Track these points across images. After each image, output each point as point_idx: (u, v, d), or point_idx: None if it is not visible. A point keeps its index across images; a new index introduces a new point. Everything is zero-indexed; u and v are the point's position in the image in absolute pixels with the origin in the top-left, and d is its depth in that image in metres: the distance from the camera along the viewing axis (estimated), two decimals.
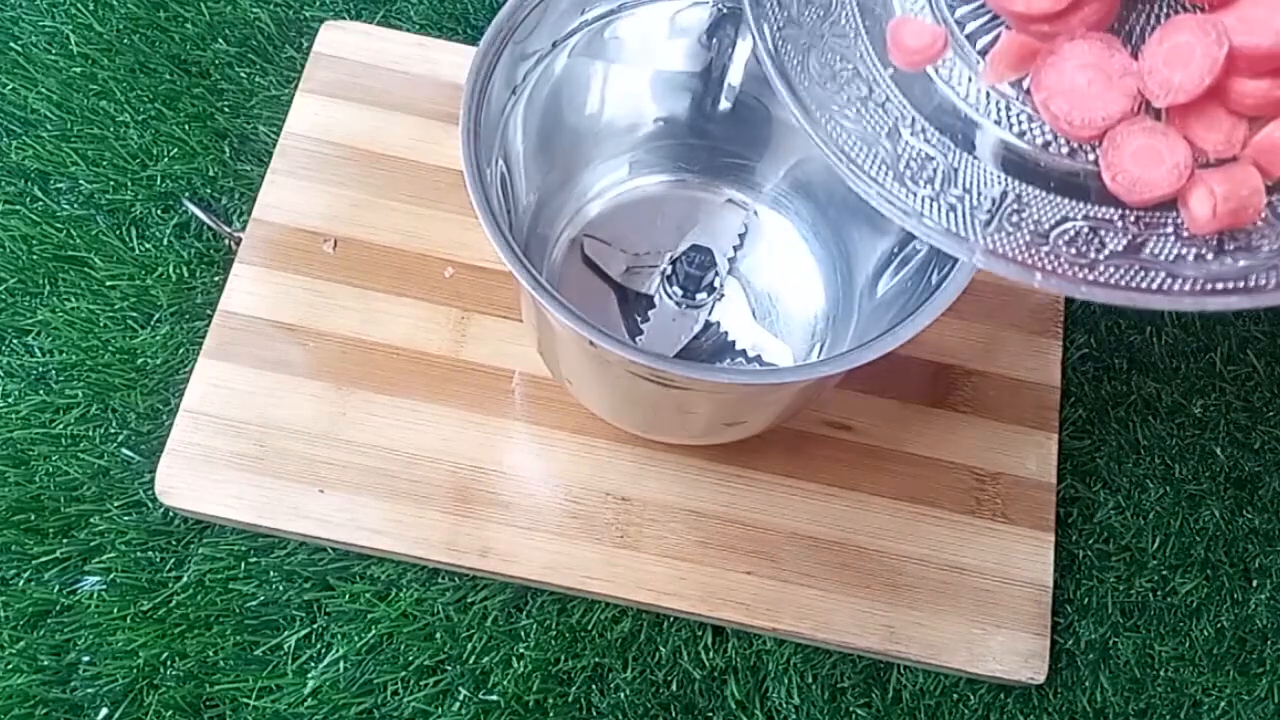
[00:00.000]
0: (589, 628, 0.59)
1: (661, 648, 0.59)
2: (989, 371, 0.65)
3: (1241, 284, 0.38)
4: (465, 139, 0.46)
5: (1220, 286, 0.38)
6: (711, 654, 0.59)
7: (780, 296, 0.64)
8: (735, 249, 0.63)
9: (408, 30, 0.71)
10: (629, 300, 0.63)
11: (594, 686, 0.58)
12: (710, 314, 0.62)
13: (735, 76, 0.59)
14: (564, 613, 0.59)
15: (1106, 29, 0.40)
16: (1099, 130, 0.39)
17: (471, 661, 0.57)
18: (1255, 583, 0.63)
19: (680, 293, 0.62)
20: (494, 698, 0.57)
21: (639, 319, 0.62)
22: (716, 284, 0.62)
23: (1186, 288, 0.39)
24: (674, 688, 0.58)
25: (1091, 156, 0.40)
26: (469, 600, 0.59)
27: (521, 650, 0.58)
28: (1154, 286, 0.39)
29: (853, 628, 0.58)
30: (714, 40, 0.57)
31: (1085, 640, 0.61)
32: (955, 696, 0.59)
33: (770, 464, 0.61)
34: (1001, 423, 0.64)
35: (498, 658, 0.58)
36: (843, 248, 0.62)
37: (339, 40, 0.69)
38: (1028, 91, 0.41)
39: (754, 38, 0.43)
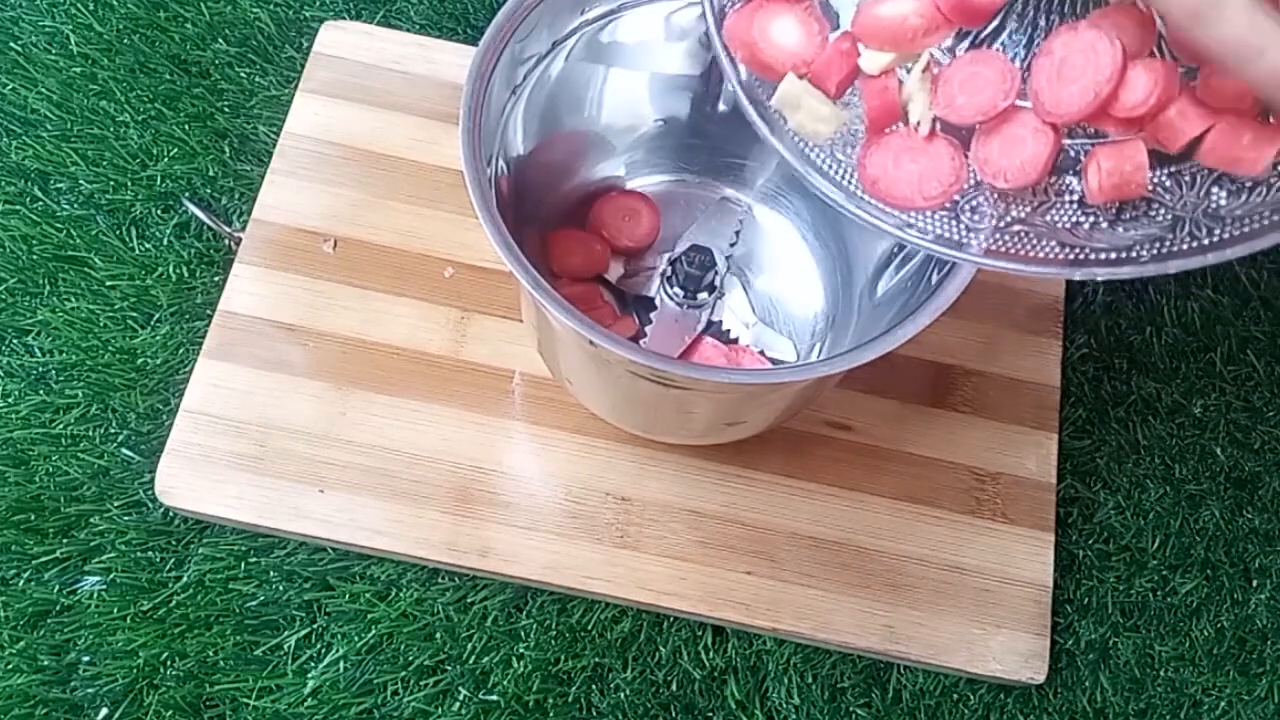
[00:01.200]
0: (589, 628, 0.59)
1: (661, 648, 0.59)
2: (989, 371, 0.65)
3: (1123, 255, 0.39)
4: (465, 139, 0.46)
5: (1103, 257, 0.39)
6: (711, 654, 0.59)
7: (781, 296, 0.64)
8: (731, 245, 0.63)
9: (408, 30, 0.71)
10: (629, 302, 0.63)
11: (594, 686, 0.58)
12: (712, 313, 0.62)
13: None
14: (564, 613, 0.59)
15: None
16: (955, 186, 0.42)
17: (471, 661, 0.57)
18: (1255, 583, 0.63)
19: (681, 293, 0.61)
20: (494, 698, 0.57)
21: (641, 321, 0.62)
22: (717, 283, 0.62)
23: (1070, 257, 0.40)
24: (674, 688, 0.58)
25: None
26: (469, 600, 0.59)
27: (521, 650, 0.58)
28: (1042, 255, 0.40)
29: (853, 628, 0.58)
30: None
31: (1085, 640, 0.61)
32: (955, 696, 0.59)
33: (770, 464, 0.61)
34: (1001, 423, 0.64)
35: (498, 658, 0.58)
36: (842, 247, 0.62)
37: (339, 40, 0.69)
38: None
39: (722, 60, 0.44)
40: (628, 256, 0.64)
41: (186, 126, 0.68)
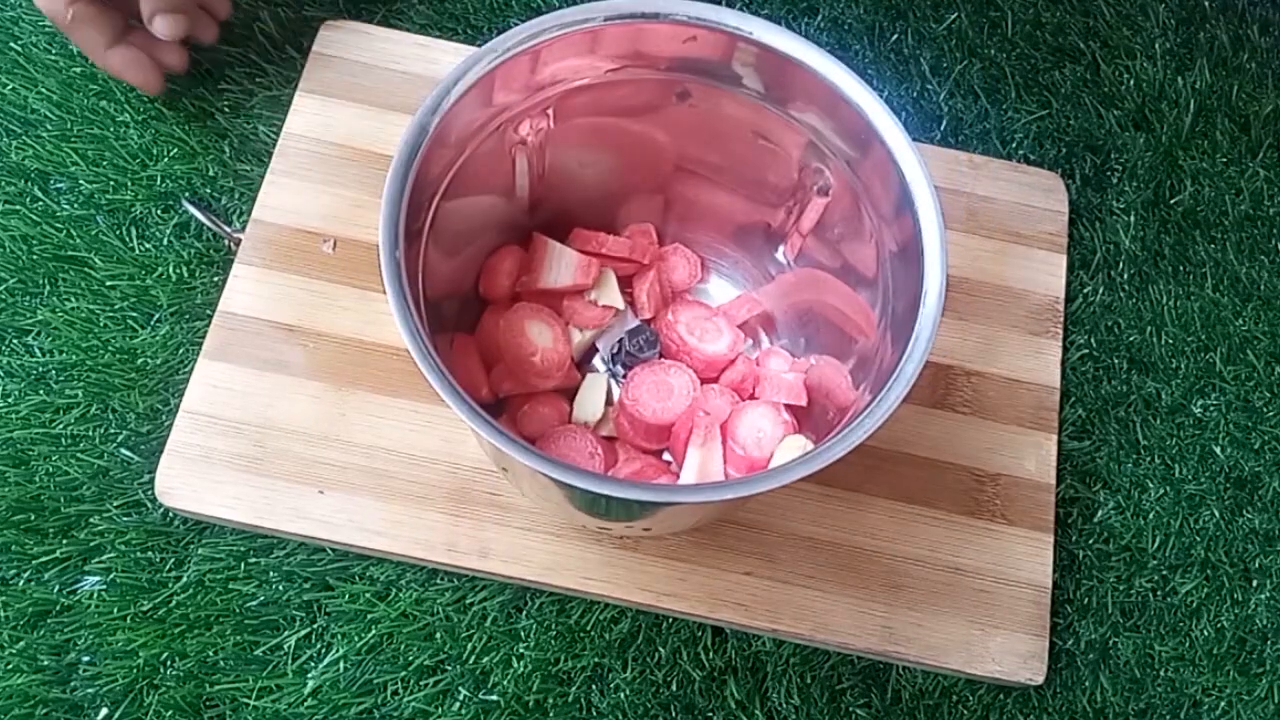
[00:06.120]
0: (588, 628, 0.59)
1: (661, 648, 0.59)
2: (988, 372, 0.65)
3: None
4: (387, 217, 0.46)
5: None
6: (711, 654, 0.59)
7: None
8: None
9: (408, 30, 0.71)
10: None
11: (594, 686, 0.58)
12: None
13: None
14: (563, 613, 0.59)
15: None
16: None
17: (471, 661, 0.57)
18: (1255, 583, 0.63)
19: (624, 371, 0.60)
20: (494, 698, 0.57)
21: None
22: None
23: None
24: (674, 688, 0.58)
25: None
26: (468, 601, 0.59)
27: (521, 650, 0.58)
28: None
29: (852, 628, 0.58)
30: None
31: (1085, 640, 0.61)
32: (954, 697, 0.59)
33: None
34: (1001, 423, 0.64)
35: (498, 658, 0.58)
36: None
37: (339, 40, 0.69)
38: None
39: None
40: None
41: (186, 126, 0.68)
